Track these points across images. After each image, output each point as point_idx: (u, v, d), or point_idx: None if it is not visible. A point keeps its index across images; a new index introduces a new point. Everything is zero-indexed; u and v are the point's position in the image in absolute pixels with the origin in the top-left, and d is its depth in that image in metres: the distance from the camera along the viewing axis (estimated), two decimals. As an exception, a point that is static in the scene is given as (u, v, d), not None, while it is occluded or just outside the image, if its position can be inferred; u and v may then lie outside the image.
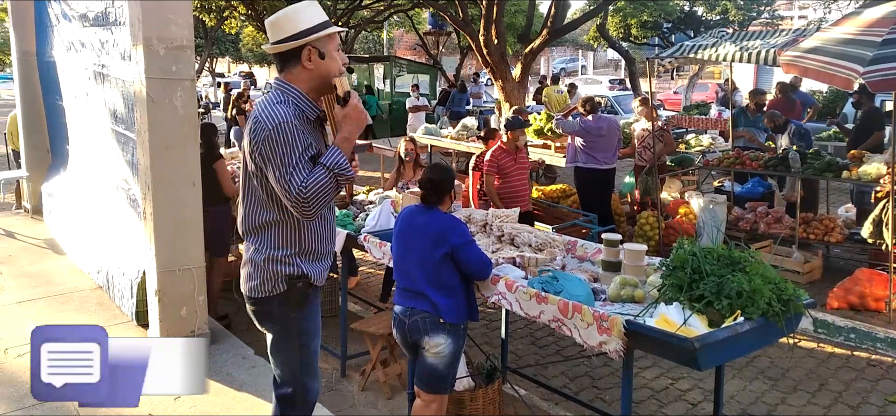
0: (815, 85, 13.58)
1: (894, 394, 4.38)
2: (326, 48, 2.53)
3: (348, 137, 2.47)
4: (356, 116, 2.47)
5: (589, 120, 7.19)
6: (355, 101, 2.47)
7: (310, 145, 2.45)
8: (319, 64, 2.52)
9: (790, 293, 2.83)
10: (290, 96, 2.52)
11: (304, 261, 2.59)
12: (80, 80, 6.33)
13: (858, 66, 4.94)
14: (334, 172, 2.40)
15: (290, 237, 2.56)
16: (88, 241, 6.27)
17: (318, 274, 2.64)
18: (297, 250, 2.57)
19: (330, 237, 2.71)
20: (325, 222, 2.65)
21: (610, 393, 4.38)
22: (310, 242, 2.59)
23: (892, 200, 5.50)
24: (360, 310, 5.72)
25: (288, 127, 2.41)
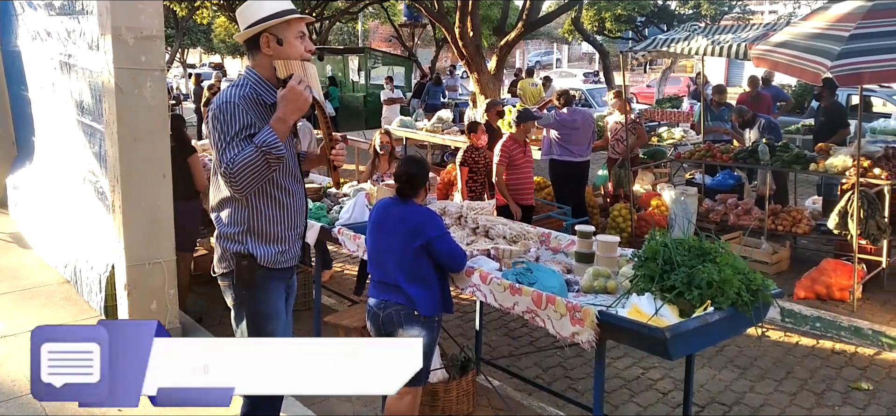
0: (785, 79, 13.85)
1: (857, 381, 4.50)
2: (284, 35, 2.60)
3: (283, 117, 2.51)
4: (292, 97, 2.49)
5: (564, 113, 7.23)
6: (293, 83, 2.49)
7: (251, 125, 2.52)
8: (278, 50, 2.60)
9: (759, 284, 2.89)
10: (249, 80, 2.63)
11: (254, 241, 2.66)
12: (45, 70, 6.17)
13: (826, 61, 5.04)
14: (262, 151, 2.45)
15: (240, 215, 2.66)
16: (55, 234, 6.13)
17: (268, 256, 2.67)
18: (246, 229, 2.65)
19: (286, 222, 2.71)
20: (278, 205, 2.68)
21: (582, 383, 4.43)
22: (259, 223, 2.66)
23: (857, 192, 5.63)
24: (333, 303, 5.70)
25: (229, 106, 2.53)
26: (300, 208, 2.79)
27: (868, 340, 5.05)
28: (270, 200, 2.67)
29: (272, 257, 2.69)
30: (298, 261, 5.63)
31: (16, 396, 3.92)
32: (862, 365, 4.74)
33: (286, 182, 2.71)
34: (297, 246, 2.81)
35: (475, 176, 5.94)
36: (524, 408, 4.07)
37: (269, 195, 2.67)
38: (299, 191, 2.79)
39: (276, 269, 2.72)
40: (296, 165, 2.78)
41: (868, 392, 4.36)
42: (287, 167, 2.70)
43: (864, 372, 4.64)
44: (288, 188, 2.71)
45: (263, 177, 2.52)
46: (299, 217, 2.79)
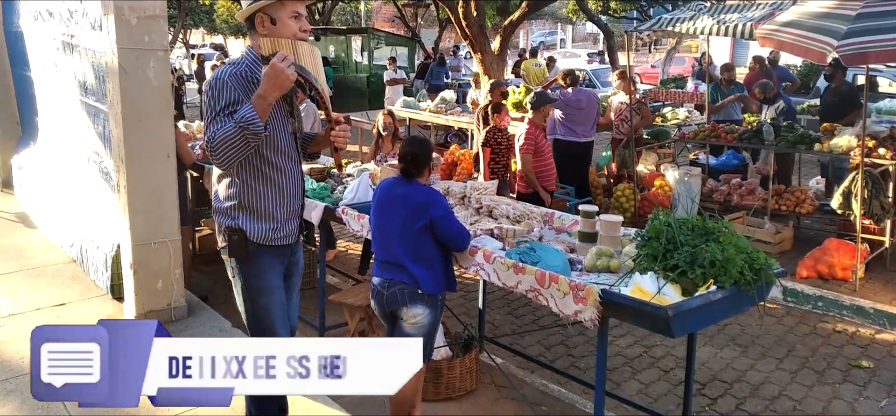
0: (789, 59, 13.74)
1: (858, 359, 4.52)
2: (278, 14, 2.65)
3: (263, 94, 2.52)
4: (272, 74, 2.49)
5: (569, 93, 7.20)
6: (275, 61, 2.49)
7: (237, 101, 2.58)
8: (272, 29, 2.65)
9: (762, 263, 2.89)
10: (245, 59, 2.70)
11: (245, 216, 2.73)
12: (48, 51, 6.17)
13: (833, 40, 5.01)
14: (240, 126, 2.49)
15: (231, 190, 2.73)
16: (61, 214, 6.17)
17: (259, 232, 2.73)
18: (237, 204, 2.73)
19: (277, 199, 2.75)
20: (269, 182, 2.73)
21: (585, 361, 4.46)
22: (249, 198, 2.72)
23: (862, 172, 5.62)
24: (338, 282, 5.73)
25: (218, 82, 2.61)
26: (294, 186, 2.82)
27: (870, 319, 5.06)
28: (261, 177, 2.72)
29: (263, 234, 2.74)
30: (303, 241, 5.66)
31: (24, 373, 3.97)
32: (863, 344, 4.77)
33: (278, 160, 2.74)
34: (293, 225, 2.84)
35: (497, 157, 5.87)
36: (527, 385, 4.11)
37: (259, 171, 2.72)
38: (294, 170, 2.81)
39: (269, 246, 2.76)
40: (291, 144, 2.79)
41: (868, 371, 4.38)
42: (278, 145, 2.73)
43: (865, 351, 4.66)
44: (280, 166, 2.74)
45: (243, 152, 2.56)
46: (293, 196, 2.81)
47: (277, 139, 2.73)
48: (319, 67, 2.73)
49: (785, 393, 4.12)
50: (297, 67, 2.57)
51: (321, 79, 2.73)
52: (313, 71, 2.68)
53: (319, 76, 2.72)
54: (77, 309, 4.87)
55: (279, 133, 2.73)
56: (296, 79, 2.55)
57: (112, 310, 4.84)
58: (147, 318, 4.56)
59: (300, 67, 2.60)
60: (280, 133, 2.74)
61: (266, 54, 2.57)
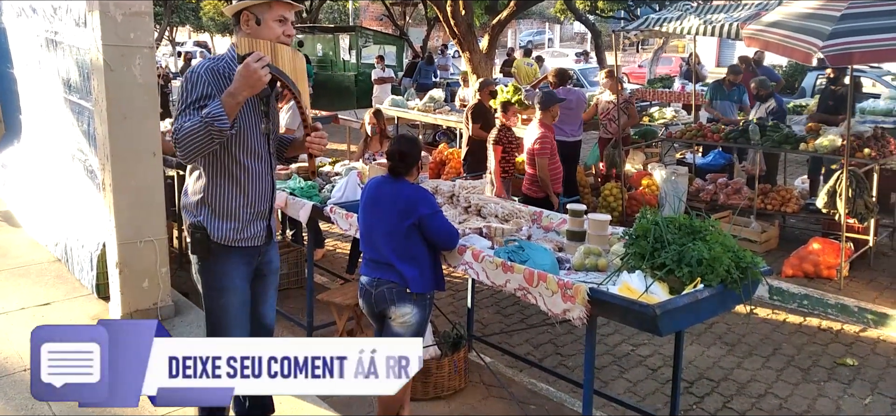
0: (775, 59, 13.86)
1: (842, 357, 4.57)
2: (264, 16, 2.66)
3: (233, 92, 2.52)
4: (245, 74, 2.49)
5: (559, 91, 7.21)
6: (249, 60, 2.49)
7: (209, 96, 2.58)
8: (256, 29, 2.67)
9: (748, 261, 2.92)
10: (226, 56, 2.71)
11: (208, 214, 2.74)
12: (31, 47, 6.09)
13: (818, 40, 5.06)
14: (206, 122, 2.49)
15: (198, 185, 2.76)
16: (45, 213, 6.10)
17: (221, 231, 2.74)
18: (201, 200, 2.74)
19: (241, 199, 2.75)
20: (233, 180, 2.72)
21: (573, 360, 4.47)
22: (213, 196, 2.73)
23: (846, 171, 5.68)
24: (326, 281, 5.71)
25: (194, 75, 2.63)
26: (261, 188, 2.80)
27: (854, 317, 5.12)
28: (227, 175, 2.72)
29: (225, 234, 2.75)
30: (291, 240, 5.61)
31: (8, 373, 3.92)
32: (847, 342, 4.82)
33: (246, 160, 2.73)
34: (259, 226, 2.83)
35: (506, 156, 5.79)
36: (515, 384, 4.11)
37: (227, 169, 2.72)
38: (262, 171, 2.80)
39: (232, 246, 2.76)
40: (262, 145, 2.78)
41: (853, 368, 4.43)
42: (248, 145, 2.72)
43: (850, 348, 4.71)
44: (247, 166, 2.74)
45: (205, 147, 2.56)
46: (259, 197, 2.80)
47: (248, 139, 2.72)
48: (301, 73, 2.73)
49: (771, 391, 4.15)
50: (273, 70, 2.57)
51: (302, 85, 2.72)
52: (293, 76, 2.67)
53: (300, 82, 2.71)
54: (62, 309, 4.82)
55: (250, 133, 2.73)
56: (268, 80, 2.55)
57: (98, 310, 4.79)
58: (133, 317, 4.52)
59: (277, 70, 2.60)
60: (251, 133, 2.73)
61: (242, 53, 2.58)
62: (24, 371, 3.92)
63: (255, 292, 2.97)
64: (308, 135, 2.78)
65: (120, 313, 4.50)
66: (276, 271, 3.07)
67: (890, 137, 6.54)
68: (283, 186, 4.69)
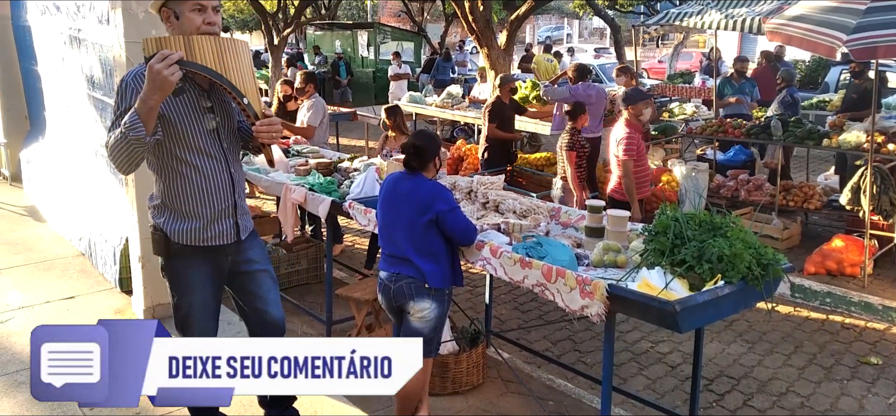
0: (798, 55, 13.65)
1: (866, 356, 4.50)
2: (180, 8, 2.59)
3: (144, 98, 2.42)
4: (151, 76, 2.39)
5: (578, 87, 7.13)
6: (153, 63, 2.38)
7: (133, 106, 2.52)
8: (176, 25, 2.60)
9: (769, 258, 2.88)
10: None
11: (168, 216, 2.75)
12: (55, 45, 6.19)
13: (842, 35, 4.97)
14: (122, 131, 2.44)
15: (156, 188, 2.79)
16: (69, 208, 6.20)
17: (181, 232, 2.73)
18: (160, 203, 2.76)
19: (197, 198, 2.71)
20: (185, 180, 2.69)
21: (591, 356, 4.46)
22: (171, 199, 2.73)
23: (871, 167, 5.58)
24: (344, 277, 5.74)
25: (122, 86, 2.60)
26: (217, 185, 2.74)
27: (878, 315, 5.04)
28: (177, 177, 2.69)
29: (186, 234, 2.73)
30: (311, 235, 5.61)
31: (34, 366, 4.00)
32: (872, 340, 4.74)
33: (193, 158, 2.67)
34: (224, 224, 2.78)
35: (580, 161, 5.55)
36: (533, 380, 4.11)
37: (175, 172, 2.68)
38: (213, 168, 2.72)
39: (194, 246, 2.74)
40: (210, 142, 2.71)
41: (877, 367, 4.36)
42: (192, 143, 2.65)
43: (874, 347, 4.64)
44: (196, 164, 2.68)
45: (132, 158, 2.49)
46: (217, 195, 2.74)
47: (192, 137, 2.65)
48: (232, 61, 2.57)
49: (792, 389, 4.11)
50: (188, 65, 2.46)
51: (236, 73, 2.57)
52: (219, 67, 2.53)
53: (231, 72, 2.56)
54: (86, 303, 4.90)
55: (193, 131, 2.65)
56: (177, 79, 2.41)
57: (121, 303, 4.87)
58: (156, 311, 4.58)
59: (193, 64, 2.48)
60: (195, 131, 2.66)
61: (148, 54, 2.45)
62: (50, 363, 4.00)
63: (248, 293, 2.93)
64: (253, 125, 2.68)
65: (143, 307, 4.57)
66: (263, 268, 2.97)
67: (916, 133, 6.41)
68: (302, 182, 4.72)
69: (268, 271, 3.00)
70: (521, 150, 9.61)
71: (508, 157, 7.38)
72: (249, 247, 2.92)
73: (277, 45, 15.73)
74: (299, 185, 4.64)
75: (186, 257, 2.77)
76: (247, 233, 2.89)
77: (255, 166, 5.05)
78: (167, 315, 4.58)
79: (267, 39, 16.04)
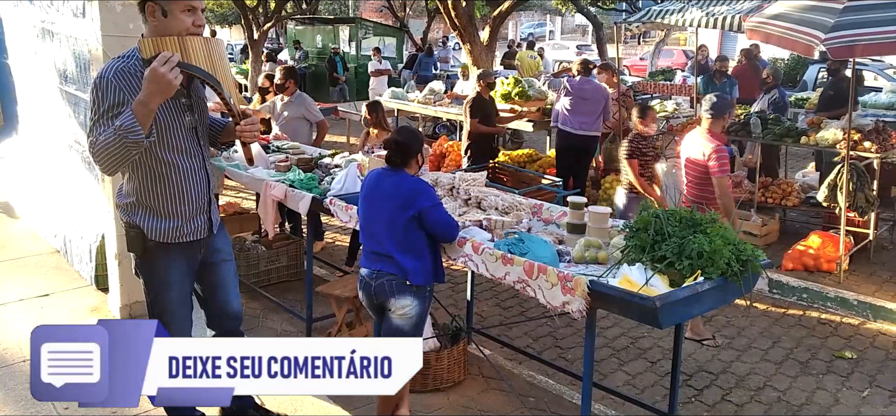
0: (776, 52, 13.81)
1: (841, 350, 4.57)
2: (170, 7, 2.52)
3: (144, 100, 2.40)
4: (153, 79, 2.37)
5: (575, 80, 7.00)
6: (156, 64, 2.37)
7: (122, 103, 2.47)
8: (163, 22, 2.53)
9: (748, 254, 2.90)
10: (134, 52, 2.58)
11: (144, 214, 2.71)
12: (27, 37, 6.07)
13: (820, 33, 5.03)
14: (118, 134, 2.40)
15: (129, 187, 2.72)
16: (44, 204, 6.09)
17: (159, 230, 2.72)
18: (135, 201, 2.71)
19: (175, 197, 2.71)
20: (163, 179, 2.68)
21: (572, 352, 4.47)
22: (147, 196, 2.69)
23: (847, 165, 5.66)
24: (325, 274, 5.70)
25: (103, 81, 2.50)
26: (195, 182, 2.75)
27: (853, 310, 5.12)
28: (156, 177, 2.67)
29: (164, 232, 2.72)
30: (290, 232, 5.58)
31: (7, 364, 3.93)
32: (847, 335, 4.82)
33: (173, 157, 2.66)
34: (200, 220, 2.80)
35: (643, 170, 5.07)
36: (515, 377, 4.11)
37: (154, 171, 2.66)
38: (193, 166, 2.73)
39: (170, 243, 2.74)
40: (189, 140, 2.72)
41: (852, 361, 4.43)
42: (172, 143, 2.65)
43: (849, 342, 4.71)
44: (176, 164, 2.68)
45: (125, 159, 2.47)
46: (194, 193, 2.75)
47: (172, 138, 2.65)
48: (219, 62, 2.60)
49: (770, 384, 4.15)
50: (185, 67, 2.46)
51: (222, 73, 2.60)
52: (209, 66, 2.55)
53: (219, 72, 2.59)
54: (61, 300, 4.82)
55: (173, 130, 2.65)
56: (179, 82, 2.42)
57: (96, 301, 4.79)
58: (133, 308, 4.52)
59: (189, 66, 2.49)
60: (174, 130, 2.65)
61: (147, 56, 2.44)
62: (24, 363, 3.92)
63: (212, 283, 2.96)
64: (237, 123, 2.69)
65: (119, 305, 4.50)
66: (229, 259, 3.03)
67: (891, 131, 6.52)
68: (282, 178, 4.67)
69: (232, 261, 3.06)
70: (504, 146, 9.63)
71: (492, 151, 7.36)
72: (218, 238, 2.96)
73: (257, 40, 15.58)
74: (280, 181, 4.59)
75: (163, 253, 2.76)
76: (216, 227, 2.94)
77: (235, 162, 4.99)
78: (144, 313, 4.54)
79: (247, 34, 15.88)
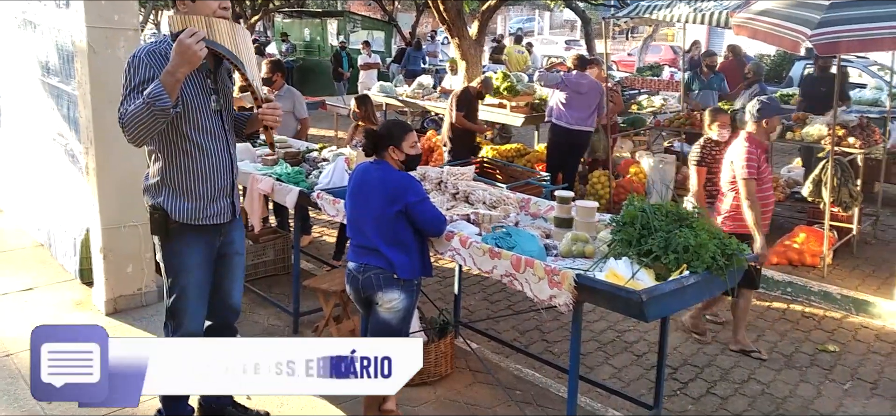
0: (762, 48, 13.90)
1: (824, 343, 4.62)
2: None
3: (171, 71, 2.52)
4: (180, 51, 2.49)
5: (571, 75, 6.96)
6: (183, 37, 2.49)
7: (151, 79, 2.58)
8: (191, 7, 2.68)
9: (733, 248, 2.93)
10: (167, 38, 2.71)
11: (168, 194, 2.78)
12: (6, 28, 5.99)
13: (806, 29, 5.07)
14: (147, 102, 2.50)
15: (155, 168, 2.80)
16: (27, 198, 6.02)
17: (182, 211, 2.78)
18: (160, 181, 2.78)
19: (199, 177, 2.79)
20: (189, 159, 2.76)
21: (559, 346, 4.49)
22: (172, 176, 2.77)
23: (832, 160, 5.72)
24: (312, 268, 5.69)
25: (135, 60, 2.65)
26: (219, 165, 2.83)
27: (836, 304, 5.18)
28: (182, 155, 2.75)
29: (187, 213, 2.79)
30: (278, 226, 5.55)
31: (-10, 359, 3.88)
32: (830, 329, 4.87)
33: (199, 137, 2.76)
34: (222, 203, 2.87)
35: (710, 177, 4.58)
36: (501, 370, 4.12)
37: (180, 149, 2.75)
38: (218, 148, 2.83)
39: (193, 225, 2.80)
40: (214, 123, 2.81)
41: (834, 354, 4.48)
42: (198, 123, 2.75)
43: (832, 335, 4.77)
44: (201, 144, 2.77)
45: (152, 129, 2.57)
46: (216, 174, 2.83)
47: (197, 117, 2.75)
48: (243, 46, 2.74)
49: (754, 377, 4.19)
50: (210, 43, 2.58)
51: (246, 58, 2.73)
52: (234, 49, 2.69)
53: (243, 55, 2.72)
54: (45, 294, 4.77)
55: (199, 111, 2.75)
56: (204, 54, 2.56)
57: (81, 295, 4.75)
58: (117, 303, 4.48)
59: (214, 43, 2.61)
60: (200, 111, 2.75)
61: (175, 31, 2.59)
62: (5, 356, 3.88)
63: (219, 273, 2.99)
64: (260, 107, 2.81)
65: (104, 299, 4.46)
66: (241, 254, 3.10)
67: (875, 127, 6.59)
68: (269, 172, 4.65)
69: (242, 255, 3.13)
70: (492, 141, 9.64)
71: (472, 148, 7.29)
72: (236, 230, 3.03)
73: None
74: (267, 175, 4.57)
75: (184, 236, 2.81)
76: (238, 212, 3.00)
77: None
78: (129, 307, 4.54)
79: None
